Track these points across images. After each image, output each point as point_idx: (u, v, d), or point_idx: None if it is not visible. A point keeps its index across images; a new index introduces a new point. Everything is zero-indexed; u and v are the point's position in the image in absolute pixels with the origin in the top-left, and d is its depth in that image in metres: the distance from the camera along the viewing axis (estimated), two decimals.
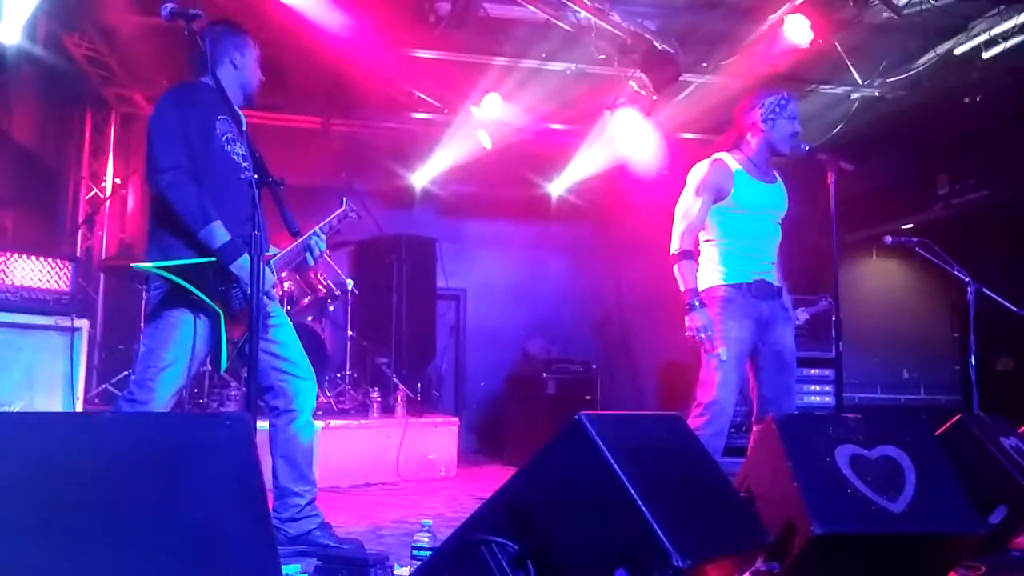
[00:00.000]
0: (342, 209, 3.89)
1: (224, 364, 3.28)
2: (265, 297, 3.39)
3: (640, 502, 2.24)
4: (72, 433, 1.99)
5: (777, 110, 4.10)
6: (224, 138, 3.45)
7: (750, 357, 4.04)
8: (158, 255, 3.31)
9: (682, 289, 3.98)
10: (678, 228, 4.06)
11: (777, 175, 4.27)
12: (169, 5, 3.01)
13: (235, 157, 3.49)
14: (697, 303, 3.92)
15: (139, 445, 2.03)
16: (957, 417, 3.90)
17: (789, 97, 4.17)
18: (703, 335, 3.88)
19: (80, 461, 1.92)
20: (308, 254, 3.64)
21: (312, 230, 3.65)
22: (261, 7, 5.80)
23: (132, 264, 3.34)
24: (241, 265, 3.25)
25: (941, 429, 3.83)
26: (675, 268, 4.02)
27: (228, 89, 3.48)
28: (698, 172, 4.10)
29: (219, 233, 3.25)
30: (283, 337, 3.58)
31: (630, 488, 2.26)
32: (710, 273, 4.07)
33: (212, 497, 2.06)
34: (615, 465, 2.31)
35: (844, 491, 2.98)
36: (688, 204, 4.07)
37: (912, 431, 3.39)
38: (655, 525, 2.20)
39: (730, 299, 3.98)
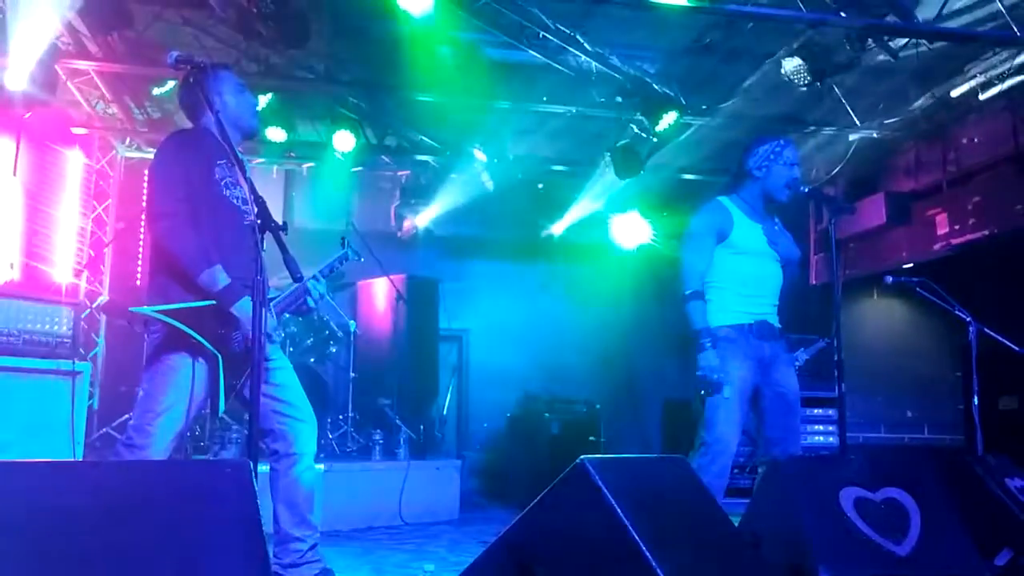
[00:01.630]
0: (343, 252, 3.90)
1: (222, 407, 3.27)
2: (266, 340, 3.38)
3: (644, 548, 2.23)
4: (74, 481, 1.99)
5: (772, 157, 4.12)
6: (224, 182, 3.46)
7: (753, 398, 4.03)
8: (157, 299, 3.31)
9: (695, 329, 3.96)
10: (684, 270, 4.07)
11: (777, 218, 4.29)
12: (175, 53, 3.05)
13: (235, 201, 3.49)
14: (709, 343, 3.91)
15: (140, 493, 2.03)
16: (961, 458, 3.88)
17: (786, 143, 4.18)
18: (714, 376, 3.87)
19: (81, 509, 1.92)
20: (307, 297, 3.64)
21: (312, 273, 3.64)
22: (266, 52, 5.87)
23: (131, 308, 3.33)
24: (241, 308, 3.25)
25: (945, 470, 3.82)
26: (686, 308, 4.01)
27: (226, 130, 3.48)
28: (699, 215, 4.13)
29: (219, 277, 3.26)
30: (283, 380, 3.57)
31: (634, 534, 2.25)
32: (714, 313, 4.07)
33: (212, 544, 2.06)
34: (619, 510, 2.31)
35: (849, 534, 2.97)
36: (692, 246, 4.09)
37: (916, 473, 3.39)
38: (660, 571, 2.19)
39: (731, 339, 3.98)
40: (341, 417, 7.07)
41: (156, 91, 6.95)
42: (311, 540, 3.53)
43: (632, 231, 8.64)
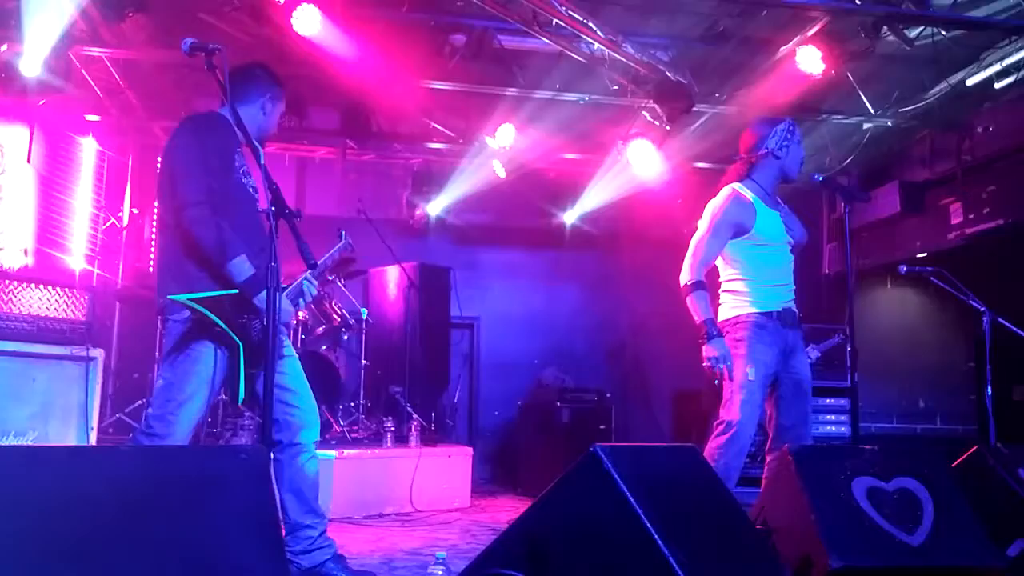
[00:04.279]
0: (341, 244, 3.90)
1: (242, 396, 3.27)
2: (283, 328, 3.40)
3: (657, 536, 2.23)
4: (90, 467, 2.00)
5: (789, 136, 4.18)
6: (242, 171, 3.49)
7: (771, 385, 4.04)
8: (181, 287, 3.30)
9: (697, 320, 3.98)
10: (691, 259, 4.07)
11: (781, 202, 4.30)
12: (190, 40, 3.05)
13: (251, 190, 3.52)
14: (715, 332, 3.93)
15: (155, 478, 2.04)
16: (974, 448, 3.87)
17: (794, 123, 4.25)
18: (721, 365, 3.88)
19: (97, 495, 1.93)
20: (301, 298, 3.66)
21: (304, 274, 3.62)
22: (280, 39, 5.87)
23: (170, 296, 3.31)
24: (263, 297, 3.26)
25: (958, 460, 3.81)
26: (688, 299, 4.02)
27: (246, 125, 3.51)
28: (717, 206, 4.11)
29: (244, 267, 3.26)
30: (290, 369, 3.56)
31: (647, 522, 2.26)
32: (741, 303, 4.07)
33: (227, 529, 2.07)
34: (632, 498, 2.31)
35: (862, 524, 2.96)
36: (705, 237, 4.08)
37: (929, 462, 3.38)
38: (672, 559, 2.20)
39: (761, 325, 4.00)
40: (352, 404, 7.09)
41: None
42: (320, 527, 3.56)
43: (646, 158, 8.03)
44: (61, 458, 2.03)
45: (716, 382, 3.99)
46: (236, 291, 3.27)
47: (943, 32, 5.93)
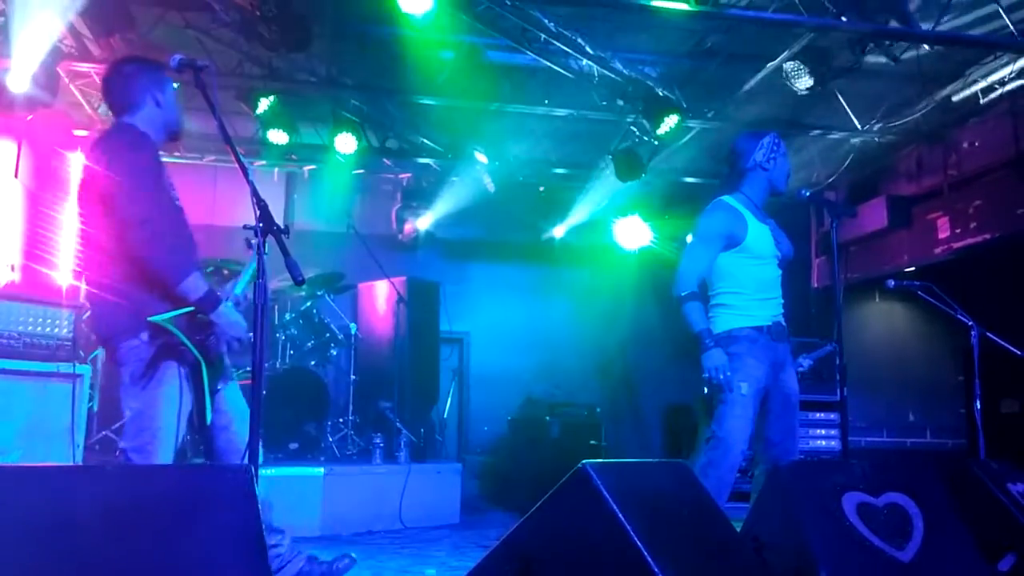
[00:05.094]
0: (249, 265, 3.79)
1: (209, 416, 3.18)
2: (237, 343, 3.27)
3: (647, 553, 2.22)
4: (76, 486, 1.98)
5: (775, 149, 4.18)
6: (168, 183, 3.34)
7: (761, 399, 4.03)
8: (134, 315, 3.13)
9: (694, 331, 3.95)
10: (684, 272, 4.06)
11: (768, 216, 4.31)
12: (178, 56, 3.02)
13: (178, 203, 3.41)
14: (713, 343, 3.91)
15: (141, 497, 2.02)
16: (964, 462, 3.87)
17: (779, 136, 4.26)
18: (721, 375, 3.85)
19: (83, 514, 1.91)
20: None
21: (236, 282, 3.50)
22: (269, 56, 5.88)
23: (148, 317, 3.15)
24: (220, 312, 3.17)
25: (948, 475, 3.81)
26: (683, 310, 3.99)
27: (151, 129, 3.35)
28: (708, 218, 4.11)
29: (199, 283, 3.13)
30: (229, 393, 3.44)
31: (636, 539, 2.25)
32: (734, 316, 4.05)
33: (213, 547, 2.05)
34: (621, 516, 2.30)
35: (852, 540, 2.95)
36: (696, 249, 4.07)
37: (919, 477, 3.38)
38: None
39: (754, 339, 3.97)
40: (341, 420, 7.05)
41: None
42: (284, 541, 3.52)
43: (634, 233, 8.63)
44: (47, 477, 2.01)
45: (706, 388, 3.96)
46: (191, 309, 3.13)
47: (929, 48, 5.98)
